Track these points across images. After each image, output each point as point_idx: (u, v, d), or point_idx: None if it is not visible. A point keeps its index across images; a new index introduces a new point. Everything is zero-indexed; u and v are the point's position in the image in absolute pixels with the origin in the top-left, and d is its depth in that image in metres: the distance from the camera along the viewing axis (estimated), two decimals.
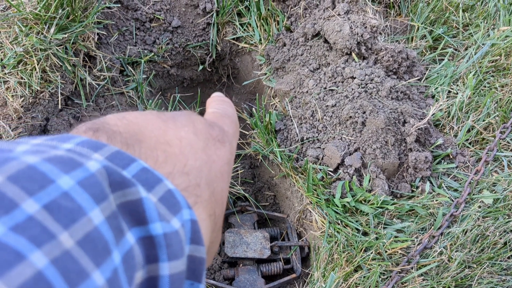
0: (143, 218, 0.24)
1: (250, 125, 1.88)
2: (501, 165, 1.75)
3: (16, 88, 1.54)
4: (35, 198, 0.19)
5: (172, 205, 0.26)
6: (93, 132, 0.29)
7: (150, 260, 0.24)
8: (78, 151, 0.24)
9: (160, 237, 0.24)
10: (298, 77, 1.90)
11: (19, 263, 0.17)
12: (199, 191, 0.32)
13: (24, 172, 0.20)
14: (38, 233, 0.18)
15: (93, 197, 0.21)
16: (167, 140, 0.32)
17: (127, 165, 0.26)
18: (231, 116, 0.43)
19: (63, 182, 0.21)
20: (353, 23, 1.84)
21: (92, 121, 0.31)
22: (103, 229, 0.21)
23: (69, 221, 0.20)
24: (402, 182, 1.68)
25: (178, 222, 0.26)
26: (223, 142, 0.37)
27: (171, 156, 0.31)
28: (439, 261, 1.47)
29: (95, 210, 0.21)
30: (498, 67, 2.02)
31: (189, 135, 0.34)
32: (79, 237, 0.20)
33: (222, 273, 1.64)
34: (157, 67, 2.04)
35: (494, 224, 1.54)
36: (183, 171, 0.31)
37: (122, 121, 0.32)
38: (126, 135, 0.30)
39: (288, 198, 1.81)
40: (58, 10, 1.63)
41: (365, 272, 1.45)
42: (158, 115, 0.35)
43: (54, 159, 0.21)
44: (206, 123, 0.37)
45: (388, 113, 1.68)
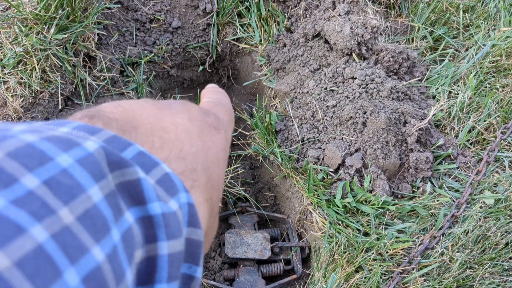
0: (141, 198, 0.24)
1: (251, 126, 1.88)
2: (502, 165, 1.74)
3: (16, 88, 1.54)
4: (34, 173, 0.19)
5: (169, 187, 0.26)
6: (89, 119, 0.29)
7: (149, 239, 0.24)
8: (75, 134, 0.23)
9: (158, 217, 0.24)
10: (299, 77, 1.89)
11: (20, 236, 0.17)
12: (195, 175, 0.32)
13: (23, 150, 0.20)
14: (38, 208, 0.18)
15: (92, 175, 0.21)
16: (162, 127, 0.32)
17: (123, 149, 0.26)
18: (226, 105, 0.43)
19: (62, 159, 0.21)
20: (353, 24, 1.84)
21: (87, 108, 0.31)
22: (102, 207, 0.21)
23: (69, 197, 0.20)
24: (403, 182, 1.67)
25: (176, 204, 0.26)
26: (218, 129, 0.37)
27: (167, 141, 0.32)
28: (441, 262, 1.46)
29: (94, 187, 0.21)
30: (498, 67, 2.01)
31: (184, 121, 0.34)
32: (78, 213, 0.20)
33: (223, 273, 1.64)
34: (157, 68, 2.04)
35: (496, 224, 1.53)
36: (179, 156, 0.31)
37: (118, 109, 0.32)
38: (122, 121, 0.30)
39: (289, 199, 1.81)
40: (58, 10, 1.62)
41: (366, 272, 1.44)
42: (153, 102, 0.35)
43: (52, 138, 0.21)
44: (201, 111, 0.37)
45: (389, 113, 1.68)
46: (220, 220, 1.85)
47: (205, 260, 1.71)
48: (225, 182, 1.74)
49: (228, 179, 1.75)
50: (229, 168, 1.77)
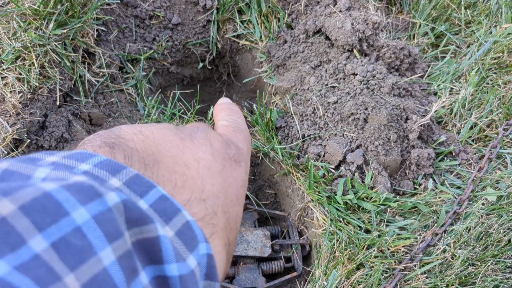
0: (159, 258, 0.23)
1: (251, 123, 1.87)
2: (504, 162, 1.73)
3: (14, 84, 1.53)
4: (44, 234, 0.19)
5: (189, 240, 0.25)
6: (109, 148, 0.28)
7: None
8: (96, 173, 0.23)
9: (175, 279, 0.23)
10: (299, 74, 1.88)
11: None
12: (216, 220, 0.31)
13: (38, 201, 0.19)
14: (43, 274, 0.18)
15: (106, 234, 0.21)
16: (184, 162, 0.31)
17: (145, 192, 0.25)
18: (244, 130, 0.42)
19: (78, 215, 0.20)
20: (354, 20, 1.83)
21: (106, 133, 0.30)
22: (113, 271, 0.20)
23: (77, 262, 0.19)
24: (404, 179, 1.66)
25: (195, 261, 0.25)
26: (239, 162, 0.36)
27: (189, 180, 0.30)
28: (443, 259, 1.45)
29: (107, 249, 0.20)
30: (500, 64, 2.00)
31: (206, 155, 0.33)
32: (85, 280, 0.19)
33: None
34: (157, 65, 2.03)
35: (498, 221, 1.52)
36: (201, 197, 0.30)
37: (138, 137, 0.31)
38: (143, 153, 0.29)
39: (289, 196, 1.79)
40: (57, 6, 1.61)
41: (367, 270, 1.43)
42: (175, 131, 0.34)
43: (73, 187, 0.20)
44: (223, 142, 0.36)
45: (390, 109, 1.66)
46: None
47: None
48: None
49: None
50: None
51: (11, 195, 0.19)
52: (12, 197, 0.19)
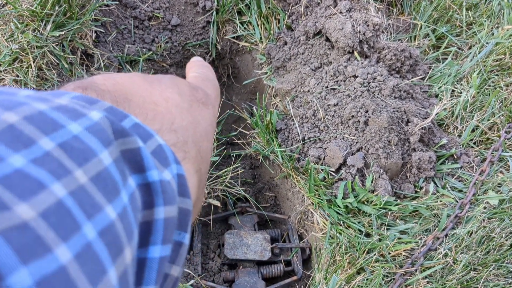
0: (141, 166, 0.25)
1: (251, 125, 1.85)
2: (506, 165, 1.72)
3: (11, 86, 1.51)
4: (50, 137, 0.20)
5: (163, 159, 0.27)
6: (82, 90, 0.30)
7: (146, 206, 0.25)
8: (74, 102, 0.24)
9: (157, 184, 0.25)
10: (299, 76, 1.87)
11: (42, 191, 0.18)
12: (186, 147, 0.33)
13: (37, 116, 0.21)
14: (56, 167, 0.20)
15: (101, 141, 0.22)
16: (153, 100, 0.34)
17: (120, 120, 0.27)
18: (212, 80, 0.44)
19: (72, 127, 0.22)
20: (355, 21, 1.81)
21: (79, 80, 0.32)
22: (112, 170, 0.22)
23: (82, 160, 0.21)
24: (405, 182, 1.65)
25: (169, 174, 0.27)
26: (207, 104, 0.39)
27: (158, 114, 0.33)
28: (444, 263, 1.43)
29: (104, 152, 0.22)
30: (502, 66, 1.99)
31: (174, 96, 0.36)
32: (91, 175, 0.21)
33: (222, 275, 1.61)
34: (156, 66, 2.01)
35: (500, 225, 1.50)
36: (171, 128, 0.33)
37: (109, 81, 0.33)
38: (115, 93, 0.32)
39: (289, 199, 1.78)
40: (55, 7, 1.60)
41: (368, 274, 1.41)
42: (143, 76, 0.36)
43: (60, 108, 0.22)
44: (190, 86, 0.39)
45: (391, 112, 1.65)
46: (220, 221, 1.83)
47: (204, 261, 1.68)
48: (224, 182, 1.72)
49: (228, 179, 1.72)
50: (228, 168, 1.75)
51: (13, 109, 0.20)
52: (15, 110, 0.20)
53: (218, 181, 1.71)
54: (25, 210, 0.17)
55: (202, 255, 1.69)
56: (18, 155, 0.19)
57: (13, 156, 0.19)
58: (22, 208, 0.17)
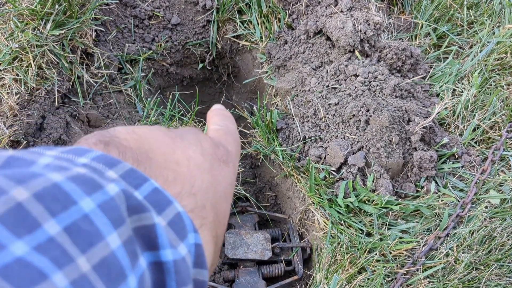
0: (155, 244, 0.25)
1: (251, 124, 1.84)
2: (507, 164, 1.71)
3: (11, 85, 1.51)
4: (57, 219, 0.20)
5: (180, 229, 0.27)
6: (104, 146, 0.30)
7: (157, 285, 0.25)
8: (94, 166, 0.24)
9: (170, 264, 0.25)
10: (300, 75, 1.86)
11: (43, 282, 0.18)
12: (205, 213, 0.32)
13: (49, 191, 0.20)
14: (59, 255, 0.19)
15: (111, 221, 0.22)
16: (175, 159, 0.33)
17: (140, 185, 0.26)
18: (234, 134, 0.43)
19: (85, 204, 0.21)
20: (356, 20, 1.81)
21: (101, 132, 0.31)
22: (119, 254, 0.22)
23: (87, 245, 0.20)
24: (406, 182, 1.64)
25: (185, 248, 0.27)
26: (227, 163, 0.37)
27: (179, 176, 0.32)
28: (446, 263, 1.43)
29: (113, 234, 0.22)
30: (504, 65, 1.98)
31: (196, 155, 0.35)
32: (95, 262, 0.20)
33: (222, 274, 1.60)
34: (156, 65, 2.01)
35: (502, 225, 1.50)
36: (191, 192, 0.32)
37: (132, 136, 0.32)
38: (137, 151, 0.31)
39: (290, 199, 1.77)
40: (55, 6, 1.59)
41: (369, 274, 1.41)
42: (166, 132, 0.35)
43: (77, 179, 0.22)
44: (212, 143, 0.38)
45: (392, 111, 1.64)
46: None
47: None
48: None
49: None
50: None
51: (25, 183, 0.20)
52: (26, 185, 0.20)
53: None
54: None
55: None
56: (21, 242, 0.19)
57: (15, 243, 0.18)
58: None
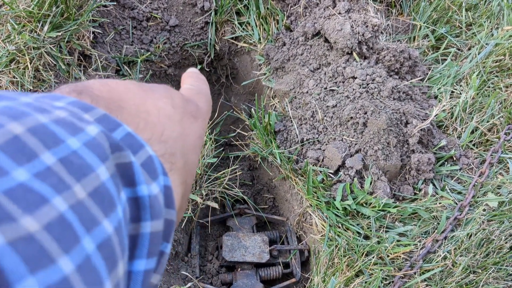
0: (132, 180, 0.26)
1: (249, 126, 1.84)
2: (506, 167, 1.71)
3: (8, 88, 1.50)
4: (51, 151, 0.21)
5: (152, 171, 0.28)
6: (77, 94, 0.31)
7: (133, 219, 0.26)
8: (70, 109, 0.25)
9: (145, 198, 0.26)
10: (298, 77, 1.86)
11: (44, 205, 0.19)
12: (174, 159, 0.34)
13: (39, 128, 0.22)
14: (57, 182, 0.20)
15: (98, 156, 0.23)
16: (146, 109, 0.34)
17: (113, 129, 0.27)
18: (206, 94, 0.45)
19: (72, 142, 0.23)
20: (354, 22, 1.80)
21: (74, 83, 0.32)
22: (109, 185, 0.23)
23: (81, 175, 0.22)
24: (404, 184, 1.64)
25: (157, 187, 0.28)
26: (197, 118, 0.39)
27: (150, 124, 0.34)
28: (443, 266, 1.43)
29: (101, 167, 0.23)
30: (502, 67, 1.98)
31: (167, 106, 0.36)
32: (89, 190, 0.22)
33: (220, 277, 1.60)
34: (154, 67, 2.00)
35: (500, 228, 1.49)
36: (161, 139, 0.34)
37: (104, 87, 0.33)
38: (109, 100, 0.32)
39: (288, 201, 1.77)
40: (52, 8, 1.59)
41: (366, 277, 1.40)
42: (138, 84, 0.37)
43: (60, 121, 0.23)
44: (182, 98, 0.39)
45: (390, 113, 1.64)
46: (218, 223, 1.82)
47: (202, 263, 1.67)
48: (223, 184, 1.71)
49: (226, 180, 1.71)
50: (226, 170, 1.74)
51: (18, 119, 0.21)
52: (20, 120, 0.21)
53: (216, 183, 1.70)
54: (30, 223, 0.18)
55: (200, 257, 1.68)
56: (22, 169, 0.20)
57: (17, 169, 0.20)
58: (27, 221, 0.18)
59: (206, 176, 1.68)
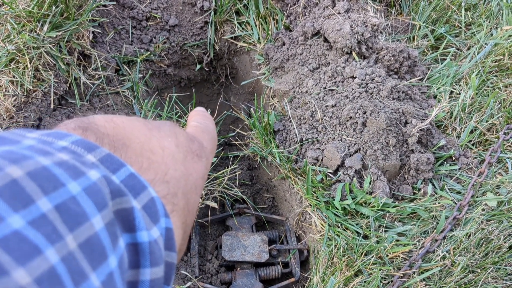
0: (132, 226, 0.26)
1: (248, 126, 1.84)
2: (505, 167, 1.71)
3: (8, 87, 1.51)
4: (48, 197, 0.21)
5: (153, 214, 0.28)
6: (82, 131, 0.31)
7: (132, 265, 0.26)
8: (73, 149, 0.25)
9: (145, 245, 0.26)
10: (298, 76, 1.86)
11: (38, 256, 0.19)
12: (176, 199, 0.34)
13: (40, 172, 0.22)
14: (50, 231, 0.20)
15: (95, 204, 0.23)
16: (151, 148, 0.34)
17: (117, 169, 0.27)
18: (211, 132, 0.45)
19: (72, 187, 0.23)
20: (353, 22, 1.81)
21: (79, 119, 0.33)
22: (102, 235, 0.23)
23: (75, 224, 0.22)
24: (403, 184, 1.64)
25: (158, 231, 0.28)
26: (201, 157, 0.39)
27: (154, 163, 0.34)
28: (442, 266, 1.43)
29: (97, 216, 0.23)
30: (501, 67, 1.98)
31: (171, 145, 0.36)
32: (80, 240, 0.22)
33: (219, 277, 1.60)
34: (154, 67, 2.00)
35: (499, 227, 1.50)
36: (164, 179, 0.34)
37: (110, 124, 0.33)
38: (114, 138, 0.32)
39: (287, 200, 1.77)
40: (52, 7, 1.59)
41: (365, 276, 1.41)
42: (144, 122, 0.37)
43: (62, 164, 0.23)
44: (187, 137, 0.40)
45: (389, 113, 1.64)
46: (217, 222, 1.82)
47: (201, 263, 1.68)
48: (222, 183, 1.71)
49: (225, 180, 1.71)
50: (226, 169, 1.74)
51: (18, 162, 0.21)
52: (19, 164, 0.21)
53: (216, 183, 1.70)
54: (22, 276, 0.18)
55: (199, 257, 1.69)
56: (17, 216, 0.20)
57: (12, 216, 0.19)
58: (19, 274, 0.18)
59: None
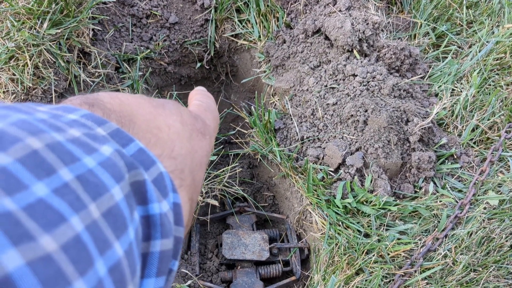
0: (145, 198, 0.26)
1: (249, 124, 1.84)
2: (506, 165, 1.70)
3: (7, 85, 1.50)
4: (69, 168, 0.21)
5: (163, 188, 0.28)
6: (89, 107, 0.31)
7: (144, 238, 0.26)
8: (83, 122, 0.25)
9: (156, 217, 0.26)
10: (298, 74, 1.85)
11: (63, 224, 0.19)
12: (183, 175, 0.35)
13: (56, 145, 0.22)
14: (74, 200, 0.20)
15: (113, 176, 0.23)
16: (157, 125, 0.35)
17: (126, 144, 0.28)
18: (214, 111, 0.46)
19: (87, 161, 0.23)
20: (354, 20, 1.80)
21: (84, 95, 0.32)
22: (122, 206, 0.23)
23: (96, 194, 0.22)
24: (405, 182, 1.63)
25: (167, 205, 0.28)
26: (205, 135, 0.40)
27: (160, 140, 0.34)
28: (444, 264, 1.42)
29: (116, 187, 0.23)
30: (503, 65, 1.97)
31: (176, 123, 0.37)
32: (103, 210, 0.22)
33: (220, 275, 1.60)
34: (154, 64, 2.00)
35: (500, 226, 1.49)
36: (171, 155, 0.34)
37: (115, 100, 0.33)
38: (120, 114, 0.32)
39: (288, 199, 1.77)
40: (52, 5, 1.58)
41: (367, 275, 1.40)
42: (149, 100, 0.37)
43: (75, 141, 0.23)
44: (191, 115, 0.40)
45: (390, 111, 1.63)
46: (218, 221, 1.82)
47: (202, 261, 1.67)
48: (222, 181, 1.70)
49: (226, 178, 1.71)
50: (226, 167, 1.73)
51: (35, 135, 0.21)
52: (38, 136, 0.21)
53: (216, 181, 1.70)
54: (49, 242, 0.18)
55: (200, 255, 1.68)
56: (41, 184, 0.20)
57: (36, 184, 0.19)
58: (46, 240, 0.18)
59: (206, 174, 1.68)
